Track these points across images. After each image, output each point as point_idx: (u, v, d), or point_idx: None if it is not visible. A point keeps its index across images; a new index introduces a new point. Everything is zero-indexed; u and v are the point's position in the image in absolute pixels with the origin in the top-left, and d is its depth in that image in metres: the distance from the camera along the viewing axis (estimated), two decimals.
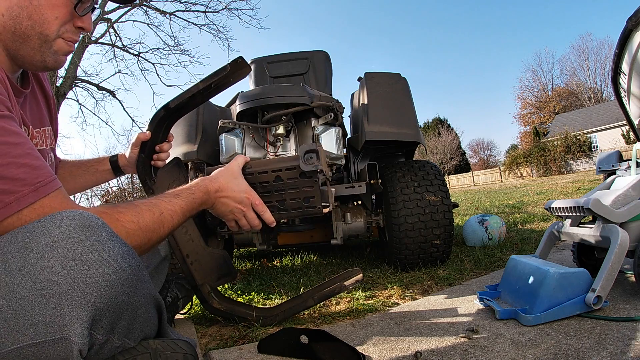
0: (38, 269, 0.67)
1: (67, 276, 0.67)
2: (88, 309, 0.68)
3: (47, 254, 0.68)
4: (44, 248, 0.68)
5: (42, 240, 0.68)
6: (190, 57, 13.49)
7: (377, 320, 1.35)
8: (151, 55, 16.85)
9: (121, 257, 0.74)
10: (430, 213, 1.91)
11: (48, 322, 0.67)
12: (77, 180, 1.28)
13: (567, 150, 22.61)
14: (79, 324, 0.68)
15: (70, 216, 0.72)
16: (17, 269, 0.67)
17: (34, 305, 0.66)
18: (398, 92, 2.06)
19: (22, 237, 0.70)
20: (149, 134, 1.23)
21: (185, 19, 13.30)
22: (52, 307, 0.67)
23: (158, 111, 1.23)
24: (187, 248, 1.32)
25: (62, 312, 0.67)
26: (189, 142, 2.01)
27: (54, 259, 0.67)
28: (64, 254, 0.68)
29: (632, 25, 1.30)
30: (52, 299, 0.66)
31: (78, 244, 0.69)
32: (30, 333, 0.66)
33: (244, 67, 1.14)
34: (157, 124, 1.23)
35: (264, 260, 2.82)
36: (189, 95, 1.19)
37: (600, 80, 36.42)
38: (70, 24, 0.89)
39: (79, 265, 0.68)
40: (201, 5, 13.10)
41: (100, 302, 0.70)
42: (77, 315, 0.68)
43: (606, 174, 1.69)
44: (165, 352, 0.83)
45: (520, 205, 5.56)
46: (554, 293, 1.16)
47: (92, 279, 0.69)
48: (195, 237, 1.33)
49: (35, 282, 0.66)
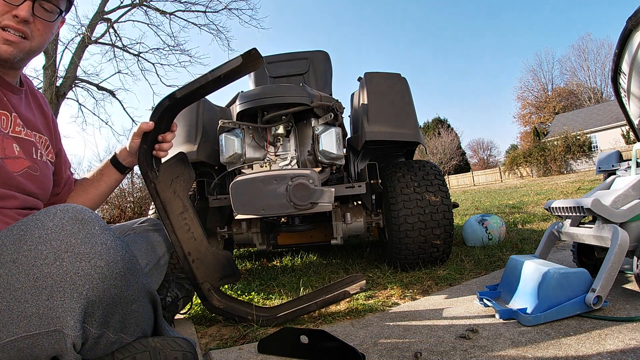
0: (31, 260, 0.67)
1: (60, 268, 0.68)
2: (80, 301, 0.69)
3: (40, 245, 0.68)
4: (38, 240, 0.69)
5: (36, 233, 0.69)
6: (190, 57, 13.47)
7: (377, 320, 1.35)
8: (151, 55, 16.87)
9: (114, 250, 0.75)
10: (430, 213, 1.91)
11: (41, 314, 0.67)
12: (89, 192, 1.25)
13: (567, 150, 22.60)
14: (71, 317, 0.68)
15: (64, 209, 0.73)
16: (11, 260, 0.67)
17: (27, 297, 0.67)
18: (398, 92, 2.06)
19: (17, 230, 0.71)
20: (152, 124, 1.19)
21: (185, 19, 13.29)
22: (45, 299, 0.67)
23: (162, 100, 1.20)
24: (189, 246, 1.31)
25: (54, 304, 0.67)
26: (189, 142, 2.01)
27: (47, 251, 0.68)
28: (57, 246, 0.69)
29: (632, 25, 1.30)
30: (45, 291, 0.67)
31: (71, 237, 0.70)
32: (24, 325, 0.67)
33: (257, 58, 1.11)
34: (161, 114, 1.20)
35: (264, 260, 2.82)
36: (197, 86, 1.16)
37: (600, 80, 36.46)
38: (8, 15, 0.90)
39: (72, 257, 0.69)
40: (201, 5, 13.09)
41: (92, 294, 0.70)
42: (69, 307, 0.68)
43: (606, 174, 1.69)
44: (164, 350, 0.83)
45: (520, 205, 5.55)
46: (554, 293, 1.16)
47: (85, 271, 0.69)
48: (198, 235, 1.32)
49: (28, 274, 0.67)
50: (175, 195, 1.31)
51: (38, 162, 1.01)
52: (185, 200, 1.32)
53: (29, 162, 0.97)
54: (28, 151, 0.99)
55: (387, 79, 2.09)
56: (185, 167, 1.34)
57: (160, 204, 1.30)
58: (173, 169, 1.32)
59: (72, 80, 11.73)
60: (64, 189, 1.22)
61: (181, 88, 1.18)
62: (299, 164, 1.91)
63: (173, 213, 1.31)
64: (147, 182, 1.28)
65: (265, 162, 1.89)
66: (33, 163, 0.99)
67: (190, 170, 1.34)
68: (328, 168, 1.97)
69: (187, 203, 1.32)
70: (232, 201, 1.55)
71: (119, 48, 12.83)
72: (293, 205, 1.50)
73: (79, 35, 11.69)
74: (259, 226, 2.20)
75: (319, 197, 1.50)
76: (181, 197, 1.32)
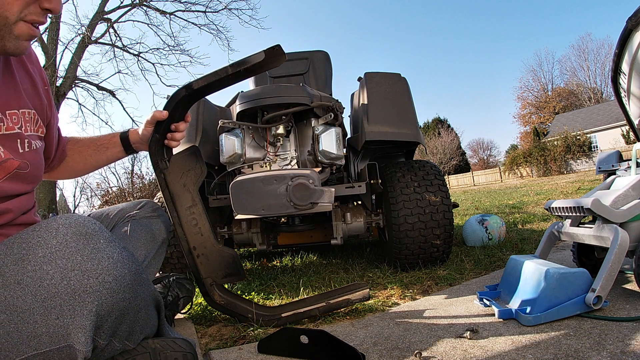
0: (37, 281, 0.66)
1: (68, 287, 0.67)
2: (91, 318, 0.68)
3: (45, 265, 0.67)
4: (42, 260, 0.67)
5: (40, 252, 0.67)
6: (190, 57, 13.50)
7: (377, 320, 1.35)
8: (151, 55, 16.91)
9: (121, 263, 0.74)
10: (430, 213, 1.91)
11: (52, 332, 0.66)
12: (87, 160, 1.20)
13: (567, 150, 22.59)
14: (82, 333, 0.67)
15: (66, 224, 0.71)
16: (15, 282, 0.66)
17: (36, 318, 0.66)
18: (398, 92, 2.06)
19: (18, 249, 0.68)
20: (166, 113, 1.16)
21: (185, 19, 13.30)
22: (55, 318, 0.66)
23: (178, 90, 1.17)
24: (195, 241, 1.31)
25: (65, 322, 0.67)
26: (189, 142, 2.01)
27: (53, 271, 0.67)
28: (62, 264, 0.67)
29: (632, 25, 1.30)
30: (54, 310, 0.66)
31: (76, 254, 0.69)
32: (35, 344, 0.66)
33: (280, 55, 1.10)
34: (176, 104, 1.18)
35: (264, 260, 2.82)
36: (215, 79, 1.14)
37: (600, 80, 36.45)
38: (35, 5, 0.78)
39: (79, 275, 0.68)
40: (201, 5, 13.09)
41: (102, 310, 0.70)
42: (80, 324, 0.67)
43: (606, 174, 1.69)
44: (164, 351, 0.83)
45: (520, 205, 5.55)
46: (554, 293, 1.16)
47: (93, 288, 0.68)
48: (205, 231, 1.32)
49: (35, 295, 0.65)
50: (185, 189, 1.30)
51: (26, 154, 0.88)
52: (195, 195, 1.31)
53: (17, 160, 0.85)
54: (13, 148, 0.85)
55: (387, 78, 2.09)
56: (198, 161, 1.32)
57: (169, 195, 1.29)
58: (185, 161, 1.30)
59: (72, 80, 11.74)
60: (55, 158, 1.14)
61: (199, 79, 1.16)
62: (299, 164, 1.91)
63: (181, 206, 1.30)
64: (157, 172, 1.27)
65: (265, 162, 1.89)
66: (21, 159, 0.87)
67: (202, 165, 1.33)
68: (328, 168, 1.97)
69: (196, 197, 1.31)
70: (232, 201, 1.55)
71: (119, 48, 12.84)
72: (293, 205, 1.50)
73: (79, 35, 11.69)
74: (259, 226, 2.20)
75: (319, 197, 1.50)
76: (191, 191, 1.31)
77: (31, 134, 0.91)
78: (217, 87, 1.20)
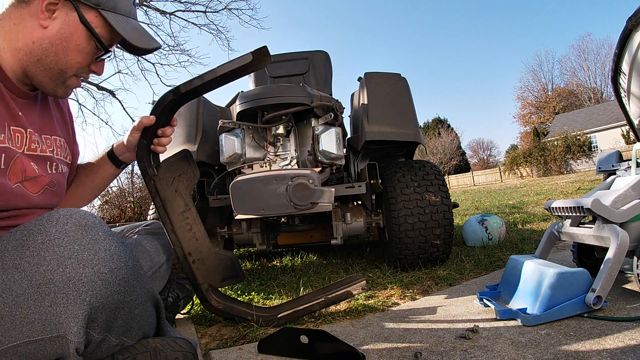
0: (34, 266, 0.67)
1: (63, 274, 0.67)
2: (84, 307, 0.69)
3: (43, 252, 0.68)
4: (41, 246, 0.68)
5: (39, 239, 0.69)
6: (190, 57, 13.43)
7: (377, 320, 1.35)
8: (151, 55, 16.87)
9: (117, 256, 0.74)
10: (430, 213, 1.91)
11: (44, 320, 0.67)
12: (85, 185, 1.21)
13: (567, 150, 22.60)
14: (74, 323, 0.68)
15: (67, 214, 0.72)
16: (13, 266, 0.67)
17: (30, 303, 0.66)
18: (398, 92, 2.06)
19: (20, 235, 0.70)
20: (153, 118, 1.16)
21: (185, 19, 13.26)
22: (48, 305, 0.67)
23: (165, 95, 1.16)
24: (190, 246, 1.29)
25: (58, 310, 0.67)
26: (189, 142, 2.01)
27: (50, 257, 0.68)
28: (60, 252, 0.68)
29: (632, 25, 1.30)
30: (47, 297, 0.67)
31: (74, 243, 0.70)
32: (27, 331, 0.67)
33: (266, 56, 1.10)
34: (164, 108, 1.16)
35: (264, 260, 2.82)
36: (202, 82, 1.13)
37: (600, 80, 36.46)
38: (86, 67, 0.98)
39: (75, 263, 0.69)
40: (201, 5, 13.06)
41: (95, 300, 0.70)
42: (72, 313, 0.68)
43: (606, 174, 1.69)
44: (164, 350, 0.83)
45: (520, 205, 5.56)
46: (553, 293, 1.16)
47: (88, 277, 0.69)
48: (200, 236, 1.30)
49: (31, 280, 0.66)
50: (177, 194, 1.29)
51: (53, 175, 1.00)
52: (188, 199, 1.29)
53: (48, 178, 0.96)
54: (43, 168, 0.97)
55: (387, 78, 2.09)
56: (189, 165, 1.31)
57: (160, 201, 1.27)
58: (175, 166, 1.29)
59: None
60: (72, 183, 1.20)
61: (186, 82, 1.14)
62: (299, 164, 1.91)
63: (174, 212, 1.28)
64: (146, 179, 1.25)
65: (265, 162, 1.89)
66: (51, 179, 0.98)
67: (195, 169, 1.31)
68: (328, 168, 1.97)
69: (189, 202, 1.30)
70: (232, 201, 1.55)
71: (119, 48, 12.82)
72: (293, 205, 1.50)
73: None
74: (259, 226, 2.20)
75: (319, 197, 1.50)
76: (183, 196, 1.29)
77: (60, 159, 1.04)
78: (206, 89, 1.18)
